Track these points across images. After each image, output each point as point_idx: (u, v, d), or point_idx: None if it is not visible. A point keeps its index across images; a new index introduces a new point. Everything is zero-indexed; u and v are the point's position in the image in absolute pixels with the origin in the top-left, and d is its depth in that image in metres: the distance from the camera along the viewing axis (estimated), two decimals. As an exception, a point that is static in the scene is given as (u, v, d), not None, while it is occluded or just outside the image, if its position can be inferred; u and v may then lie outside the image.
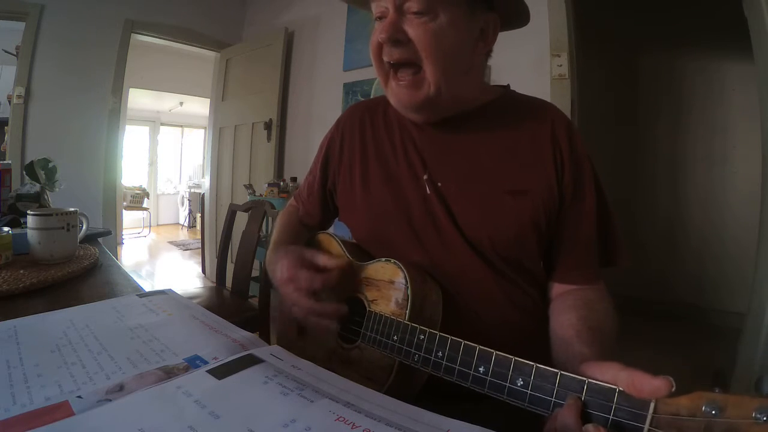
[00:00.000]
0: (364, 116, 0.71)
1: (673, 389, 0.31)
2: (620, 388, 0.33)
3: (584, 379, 0.35)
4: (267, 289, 1.49)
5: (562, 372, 0.36)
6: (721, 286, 2.60)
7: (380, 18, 0.56)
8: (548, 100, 0.68)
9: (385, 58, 0.56)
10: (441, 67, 0.54)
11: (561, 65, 1.71)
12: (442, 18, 0.53)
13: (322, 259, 0.56)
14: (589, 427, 0.31)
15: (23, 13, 2.57)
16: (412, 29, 0.53)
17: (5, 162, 1.25)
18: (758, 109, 1.55)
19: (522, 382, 0.37)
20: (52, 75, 2.64)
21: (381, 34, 0.54)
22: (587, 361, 0.38)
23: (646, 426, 0.31)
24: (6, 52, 3.24)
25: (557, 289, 0.61)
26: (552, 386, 0.36)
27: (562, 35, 1.72)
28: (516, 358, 0.38)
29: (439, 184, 0.60)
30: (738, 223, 2.53)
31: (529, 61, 1.77)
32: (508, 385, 0.38)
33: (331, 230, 0.74)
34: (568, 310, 0.54)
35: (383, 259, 0.57)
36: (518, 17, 0.61)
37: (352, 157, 0.69)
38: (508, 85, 0.68)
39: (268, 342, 0.44)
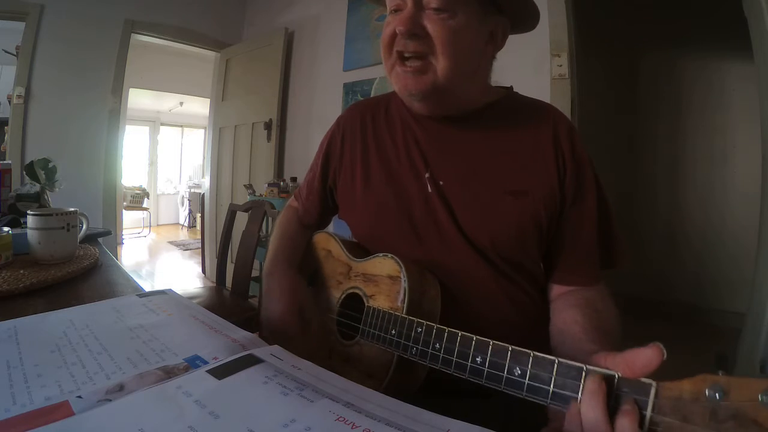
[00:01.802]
0: (365, 114, 0.71)
1: (665, 357, 0.30)
2: (620, 374, 0.32)
3: (582, 366, 0.34)
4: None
5: (560, 359, 0.35)
6: (721, 286, 2.60)
7: (395, 11, 0.56)
8: (548, 100, 0.69)
9: (398, 48, 0.56)
10: (453, 63, 0.54)
11: (561, 65, 1.71)
12: (461, 17, 0.53)
13: (313, 322, 0.61)
14: (623, 422, 0.30)
15: (23, 13, 2.57)
16: (431, 25, 0.53)
17: (5, 162, 1.25)
18: (758, 109, 1.55)
19: (519, 371, 0.37)
20: (52, 75, 2.64)
21: (400, 26, 0.54)
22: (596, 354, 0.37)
23: (648, 411, 0.30)
24: (6, 52, 3.24)
25: (557, 290, 0.61)
26: (549, 374, 0.36)
27: (562, 35, 1.72)
28: (513, 347, 0.38)
29: (441, 182, 0.60)
30: (738, 223, 2.53)
31: (530, 61, 1.77)
32: (505, 375, 0.38)
33: (331, 229, 0.74)
34: (571, 307, 0.55)
35: (381, 255, 0.57)
36: (529, 20, 0.61)
37: (354, 155, 0.69)
38: (512, 87, 0.69)
39: (268, 342, 0.44)
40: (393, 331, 0.49)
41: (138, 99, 5.54)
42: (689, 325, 2.56)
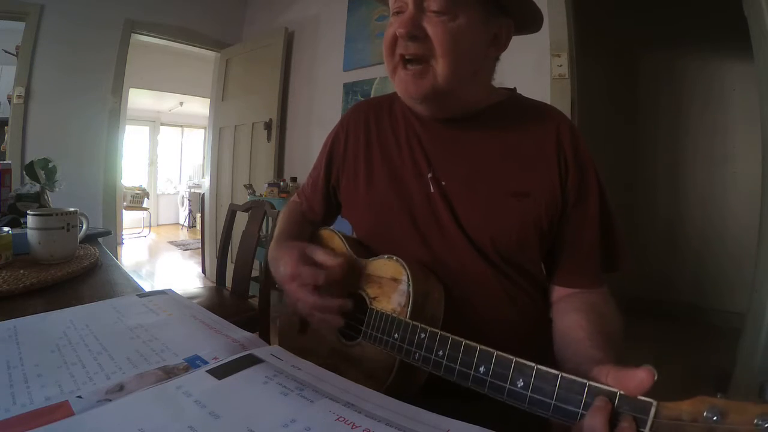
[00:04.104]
0: (369, 114, 0.71)
1: (655, 377, 0.31)
2: (621, 392, 0.32)
3: (585, 381, 0.34)
4: (267, 289, 1.49)
5: (563, 374, 0.35)
6: (721, 286, 2.60)
7: (397, 13, 0.57)
8: (548, 100, 0.69)
9: (400, 51, 0.56)
10: (453, 65, 0.54)
11: (561, 65, 1.71)
12: (461, 19, 0.53)
13: (322, 257, 0.56)
14: None
15: (23, 13, 2.57)
16: (431, 27, 0.53)
17: (5, 162, 1.25)
18: (758, 109, 1.55)
19: (522, 384, 0.37)
20: (52, 75, 2.64)
21: (400, 29, 0.54)
22: (601, 365, 0.37)
23: (647, 430, 0.30)
24: (6, 52, 3.24)
25: (559, 292, 0.61)
26: (552, 388, 0.35)
27: (562, 35, 1.72)
28: (517, 359, 0.38)
29: (443, 182, 0.61)
30: (738, 223, 2.53)
31: (529, 61, 1.77)
32: (508, 386, 0.38)
33: (333, 226, 0.74)
34: (575, 311, 0.54)
35: (386, 256, 0.57)
36: (532, 23, 0.61)
37: (357, 154, 0.69)
38: (515, 89, 0.69)
39: (268, 342, 0.44)
40: (396, 336, 0.49)
41: (138, 99, 5.54)
42: (689, 325, 2.56)
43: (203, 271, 3.65)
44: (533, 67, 1.77)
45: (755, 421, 0.26)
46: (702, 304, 2.65)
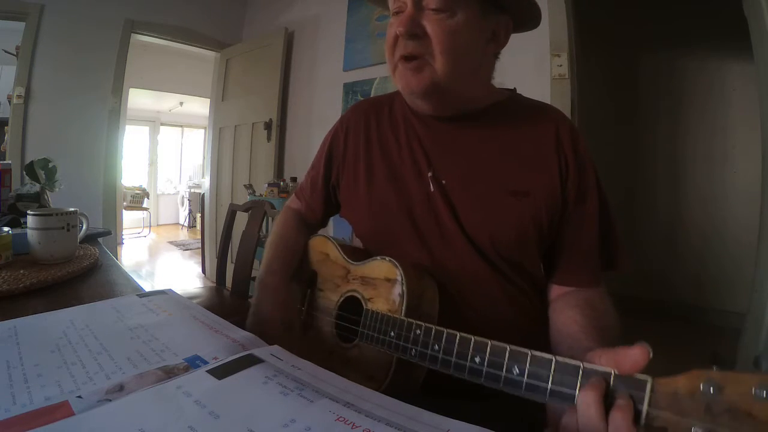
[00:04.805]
0: (369, 113, 0.71)
1: (651, 356, 0.31)
2: (616, 371, 0.33)
3: (579, 363, 0.34)
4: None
5: (557, 358, 0.36)
6: (721, 285, 2.60)
7: (397, 13, 0.57)
8: (548, 100, 0.69)
9: (399, 52, 0.56)
10: (452, 63, 0.55)
11: (561, 65, 1.71)
12: (460, 16, 0.54)
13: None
14: (617, 417, 0.30)
15: (23, 13, 2.57)
16: (430, 25, 0.54)
17: (5, 162, 1.25)
18: (758, 109, 1.55)
19: (518, 371, 0.38)
20: (52, 75, 2.64)
21: (399, 28, 0.54)
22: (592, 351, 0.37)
23: (644, 407, 0.30)
24: (6, 52, 3.24)
25: (558, 290, 0.61)
26: (547, 373, 0.36)
27: (562, 35, 1.72)
28: (511, 346, 0.39)
29: (443, 181, 0.61)
30: (738, 223, 2.53)
31: (529, 61, 1.77)
32: (504, 374, 0.38)
33: (329, 232, 0.74)
34: (571, 307, 0.55)
35: (379, 257, 0.57)
36: (531, 19, 0.62)
37: (357, 153, 0.69)
38: (515, 89, 0.69)
39: (268, 342, 0.44)
40: (392, 333, 0.49)
41: (138, 99, 5.54)
42: (689, 325, 2.56)
43: (203, 271, 3.65)
44: (533, 67, 1.77)
45: (753, 390, 0.26)
46: (702, 304, 2.65)
